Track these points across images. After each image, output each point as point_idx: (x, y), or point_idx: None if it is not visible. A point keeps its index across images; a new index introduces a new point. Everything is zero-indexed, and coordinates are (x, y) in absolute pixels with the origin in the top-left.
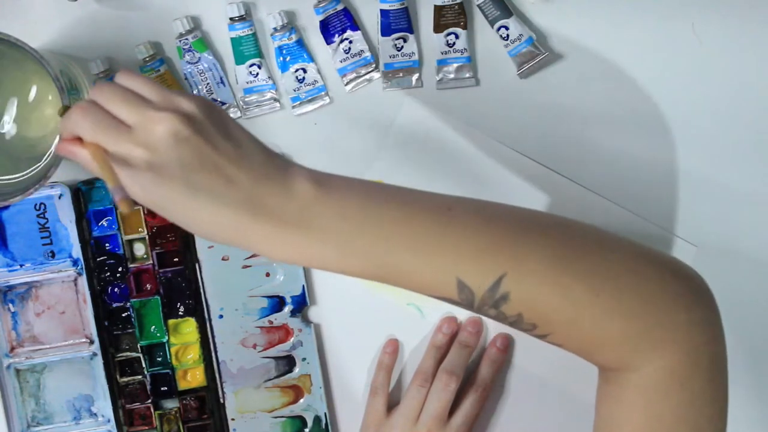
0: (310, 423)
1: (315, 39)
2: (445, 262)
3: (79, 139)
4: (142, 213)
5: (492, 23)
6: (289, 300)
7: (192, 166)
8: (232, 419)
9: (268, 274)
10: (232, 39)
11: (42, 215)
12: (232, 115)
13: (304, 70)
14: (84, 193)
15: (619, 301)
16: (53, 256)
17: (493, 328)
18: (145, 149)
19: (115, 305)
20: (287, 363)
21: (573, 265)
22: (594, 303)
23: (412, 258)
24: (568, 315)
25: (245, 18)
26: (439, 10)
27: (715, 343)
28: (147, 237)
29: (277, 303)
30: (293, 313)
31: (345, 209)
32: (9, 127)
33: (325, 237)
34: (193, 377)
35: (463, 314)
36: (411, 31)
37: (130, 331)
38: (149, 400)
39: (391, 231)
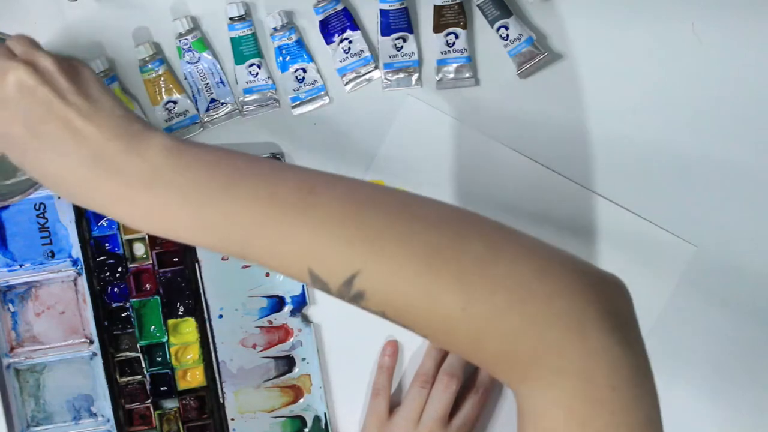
0: (309, 423)
1: (315, 39)
2: (297, 250)
3: None
4: None
5: (492, 23)
6: (288, 300)
7: (37, 116)
8: (232, 419)
9: (268, 274)
10: (232, 39)
11: (42, 215)
12: (227, 119)
13: (304, 70)
14: None
15: (492, 318)
16: (53, 256)
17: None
18: None
19: (114, 305)
20: (287, 363)
21: (441, 270)
22: (463, 316)
23: (263, 238)
24: (436, 322)
25: (245, 18)
26: (438, 10)
27: (621, 372)
28: (147, 237)
29: (276, 303)
30: (293, 313)
31: (197, 177)
32: None
33: (173, 203)
34: (192, 377)
35: None
36: (411, 31)
37: (130, 331)
38: (149, 400)
39: (242, 207)
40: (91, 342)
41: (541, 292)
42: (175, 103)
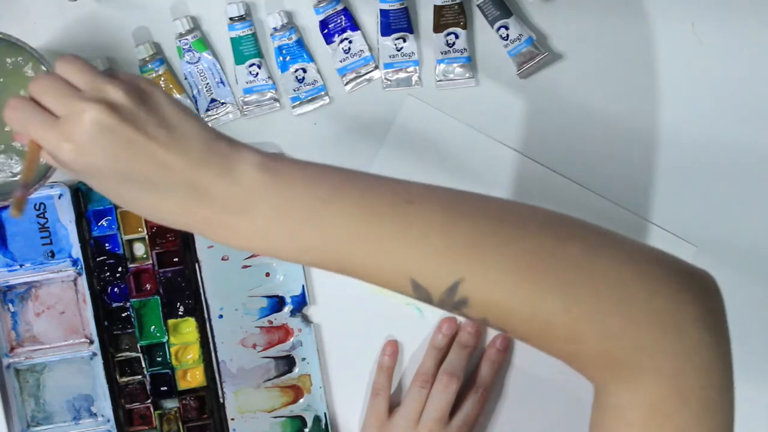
0: (309, 423)
1: (315, 39)
2: (399, 261)
3: None
4: None
5: (492, 23)
6: (288, 300)
7: (119, 155)
8: (232, 419)
9: (268, 274)
10: (232, 39)
11: (42, 215)
12: (227, 119)
13: (304, 70)
14: (84, 193)
15: (594, 320)
16: (53, 256)
17: (492, 329)
18: (70, 142)
19: (114, 305)
20: (287, 363)
21: (544, 275)
22: (566, 319)
23: (364, 254)
24: (537, 326)
25: (245, 18)
26: (438, 10)
27: (711, 372)
28: (147, 237)
29: (276, 303)
30: (293, 313)
31: (292, 195)
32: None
33: (271, 226)
34: (192, 377)
35: None
36: (411, 31)
37: (130, 331)
38: (149, 400)
39: (339, 224)
40: (91, 342)
41: (640, 292)
42: None
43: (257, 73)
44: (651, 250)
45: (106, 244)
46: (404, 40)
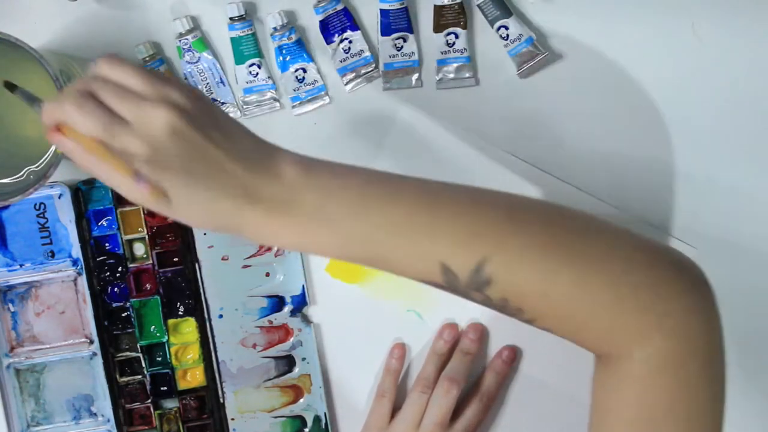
0: (309, 423)
1: (315, 39)
2: (429, 246)
3: (59, 127)
4: (141, 213)
5: (492, 23)
6: (288, 300)
7: (190, 158)
8: (232, 419)
9: (268, 274)
10: (232, 39)
11: (42, 215)
12: (230, 115)
13: (304, 70)
14: (84, 193)
15: (607, 288)
16: (53, 255)
17: (495, 335)
18: (145, 143)
19: (114, 305)
20: (287, 363)
21: (558, 250)
22: (581, 290)
23: (396, 242)
24: (554, 301)
25: (245, 18)
26: (439, 9)
27: (710, 330)
28: (147, 237)
29: (276, 303)
30: (293, 313)
31: (329, 193)
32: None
33: (310, 221)
34: (192, 377)
35: (463, 320)
36: (411, 31)
37: (130, 330)
38: (149, 400)
39: (374, 215)
40: (91, 342)
41: (643, 261)
42: None
43: (257, 73)
44: (645, 236)
45: (106, 244)
46: (404, 40)
